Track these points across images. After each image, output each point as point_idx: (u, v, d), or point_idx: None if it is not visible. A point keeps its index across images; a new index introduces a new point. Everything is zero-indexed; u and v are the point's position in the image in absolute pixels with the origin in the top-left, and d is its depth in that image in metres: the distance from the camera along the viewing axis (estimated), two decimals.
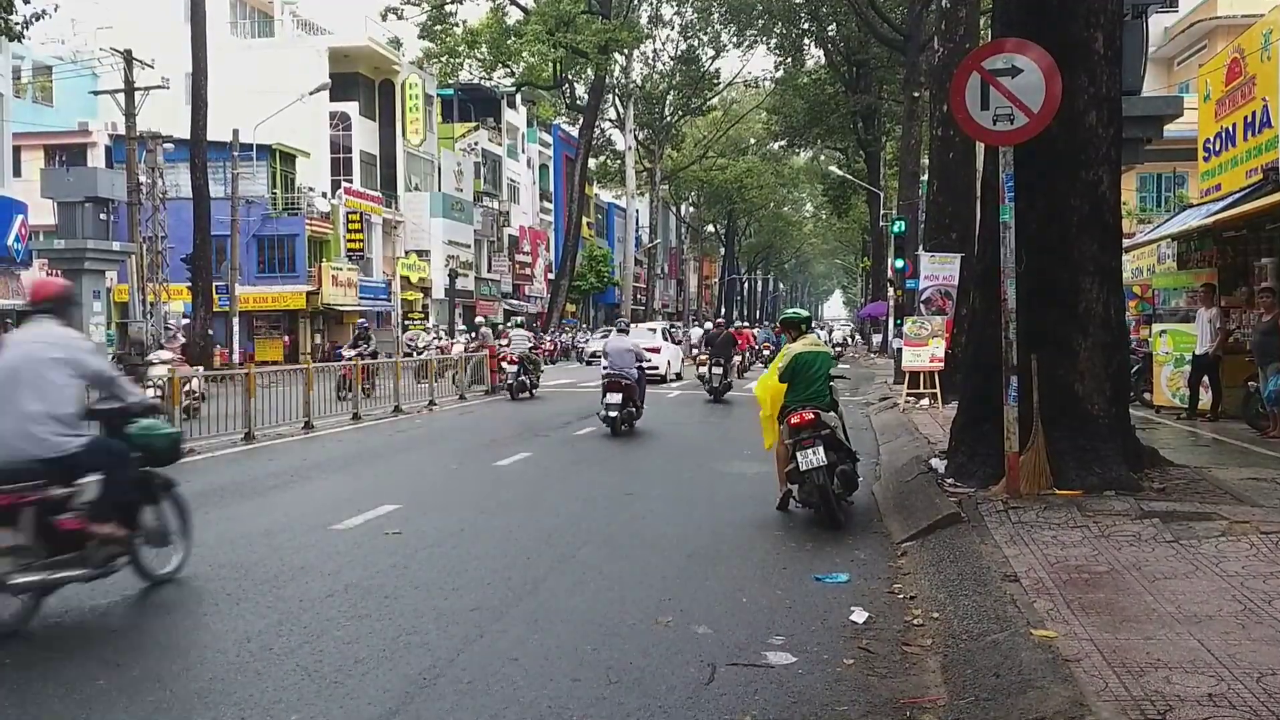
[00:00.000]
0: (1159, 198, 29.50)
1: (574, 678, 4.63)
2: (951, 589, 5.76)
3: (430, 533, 7.92)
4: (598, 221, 69.80)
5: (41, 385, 5.54)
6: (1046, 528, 6.55)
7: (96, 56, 31.49)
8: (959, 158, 17.51)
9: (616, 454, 13.07)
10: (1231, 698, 3.76)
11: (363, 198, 41.23)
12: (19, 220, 29.46)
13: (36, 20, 19.32)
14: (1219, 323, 12.61)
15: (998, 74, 7.38)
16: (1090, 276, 7.85)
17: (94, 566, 5.66)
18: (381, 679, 4.62)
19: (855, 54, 43.26)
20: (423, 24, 39.89)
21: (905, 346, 18.02)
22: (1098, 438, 7.76)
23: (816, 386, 8.16)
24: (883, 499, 9.01)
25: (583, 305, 63.69)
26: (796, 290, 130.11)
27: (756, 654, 4.95)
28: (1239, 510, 6.95)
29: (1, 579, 5.20)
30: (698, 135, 65.85)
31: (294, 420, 15.39)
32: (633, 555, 7.14)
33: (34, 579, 5.31)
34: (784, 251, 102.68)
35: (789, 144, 57.27)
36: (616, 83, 52.87)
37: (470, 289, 48.81)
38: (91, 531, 5.59)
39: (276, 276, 37.45)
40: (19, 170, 33.80)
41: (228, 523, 8.22)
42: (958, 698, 4.25)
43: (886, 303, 38.98)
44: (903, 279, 25.78)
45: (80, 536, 5.56)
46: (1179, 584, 5.29)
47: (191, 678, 4.68)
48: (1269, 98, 14.06)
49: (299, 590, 6.14)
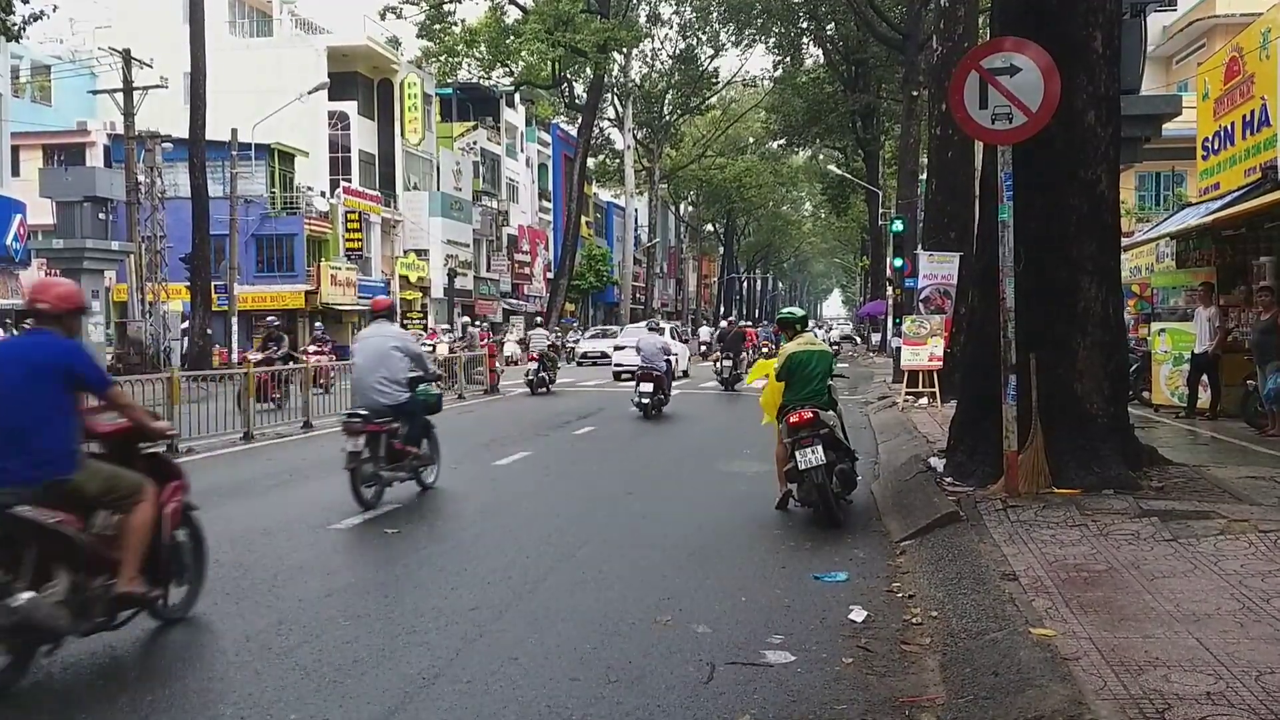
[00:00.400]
0: (1158, 196, 29.52)
1: (573, 677, 4.63)
2: (950, 588, 5.76)
3: (430, 532, 7.92)
4: (597, 221, 69.78)
5: (388, 362, 8.97)
6: (1045, 526, 6.55)
7: (95, 56, 31.50)
8: (958, 157, 17.50)
9: (616, 453, 13.07)
10: (1230, 696, 3.77)
11: (361, 197, 41.22)
12: (17, 220, 29.44)
13: (35, 20, 19.31)
14: (1218, 321, 12.61)
15: (996, 73, 7.38)
16: (1089, 275, 7.85)
17: (408, 472, 9.21)
18: (381, 679, 4.62)
19: (854, 53, 43.27)
20: (421, 23, 39.87)
21: (904, 345, 18.02)
22: (1096, 437, 7.76)
23: (815, 385, 8.16)
24: (881, 498, 9.01)
25: (582, 304, 63.67)
26: (795, 289, 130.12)
27: (756, 653, 4.95)
28: (1237, 509, 6.96)
29: (375, 473, 8.68)
30: (696, 134, 65.82)
31: (293, 420, 15.43)
32: (632, 555, 7.15)
33: (385, 474, 8.81)
34: (783, 250, 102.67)
35: (788, 143, 57.28)
36: (615, 82, 52.86)
37: (469, 288, 48.80)
38: (407, 450, 9.11)
39: (275, 276, 37.44)
40: (17, 170, 33.77)
41: (227, 523, 8.21)
42: (956, 696, 4.26)
43: (885, 302, 39.01)
44: (901, 278, 25.78)
45: (401, 454, 9.04)
46: (1177, 582, 5.29)
47: (191, 677, 4.68)
48: (1267, 96, 14.07)
49: (298, 590, 6.15)
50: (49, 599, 4.49)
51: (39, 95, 39.18)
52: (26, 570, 4.50)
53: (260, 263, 37.61)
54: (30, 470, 4.61)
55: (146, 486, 5.06)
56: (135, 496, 4.99)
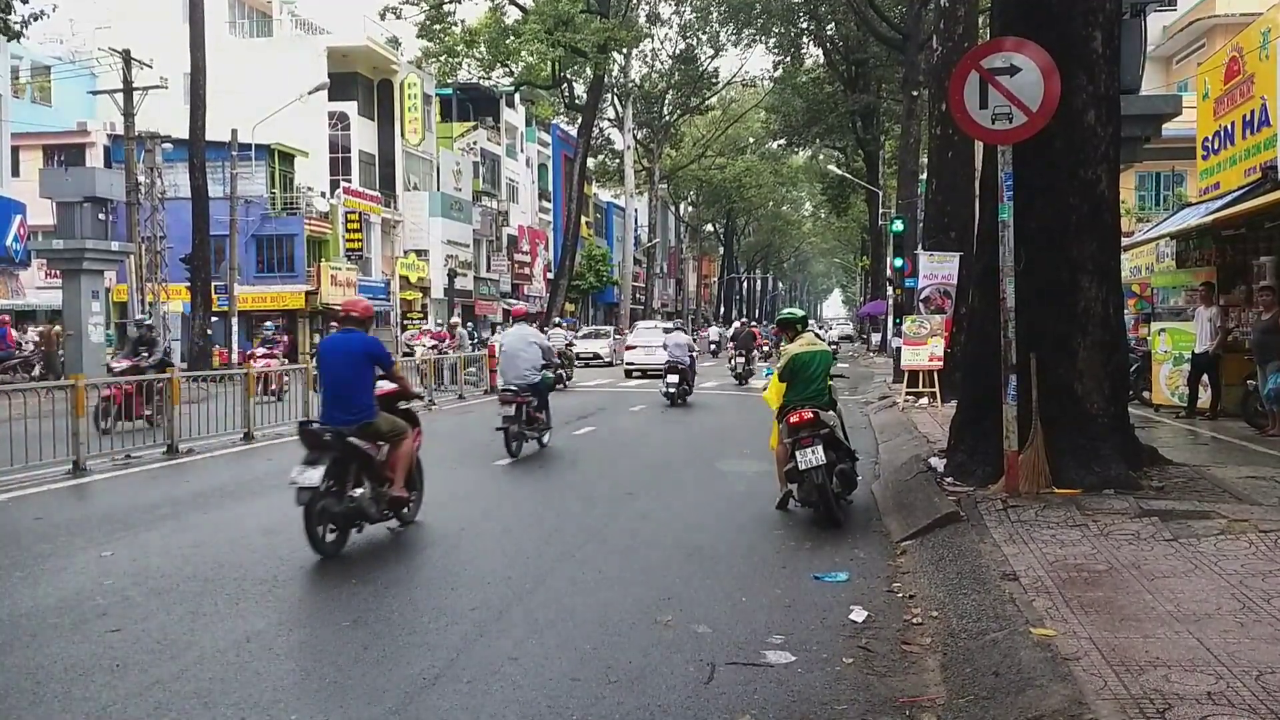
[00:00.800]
0: (1158, 196, 29.53)
1: (574, 677, 4.63)
2: (951, 588, 5.76)
3: (430, 532, 7.92)
4: (596, 221, 69.77)
5: (528, 353, 12.43)
6: (1045, 526, 6.55)
7: (95, 56, 31.51)
8: (958, 157, 17.50)
9: (616, 453, 13.08)
10: (1230, 695, 3.77)
11: (361, 197, 41.21)
12: (17, 220, 29.46)
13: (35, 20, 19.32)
14: (1218, 321, 12.61)
15: (996, 73, 7.39)
16: (1089, 275, 7.85)
17: (538, 431, 12.58)
18: (381, 679, 4.62)
19: (854, 53, 43.26)
20: (421, 23, 39.79)
21: (904, 345, 18.03)
22: (1097, 436, 7.76)
23: (815, 385, 8.17)
24: (882, 498, 9.01)
25: (582, 304, 63.67)
26: (795, 289, 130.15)
27: (756, 653, 4.95)
28: (1238, 509, 6.96)
29: (521, 431, 12.06)
30: (696, 134, 65.80)
31: (293, 420, 15.40)
32: (633, 555, 7.15)
33: (527, 434, 12.24)
34: (783, 250, 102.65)
35: (788, 143, 57.28)
36: (615, 82, 52.80)
37: (469, 288, 48.79)
38: (537, 417, 12.50)
39: (275, 276, 37.42)
40: (17, 170, 33.79)
41: (228, 523, 8.23)
42: (957, 696, 4.26)
43: (885, 302, 39.02)
44: (902, 278, 25.78)
45: (533, 419, 12.39)
46: (1178, 582, 5.29)
47: (191, 678, 4.68)
48: (1267, 96, 14.07)
49: (299, 590, 6.15)
50: (364, 496, 7.16)
51: (39, 95, 39.19)
52: (350, 478, 7.11)
53: (260, 263, 37.60)
54: (351, 417, 7.24)
55: (409, 428, 7.76)
56: (404, 434, 7.65)
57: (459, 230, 48.36)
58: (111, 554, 7.10)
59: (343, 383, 7.32)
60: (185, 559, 6.97)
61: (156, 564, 6.83)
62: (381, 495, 7.38)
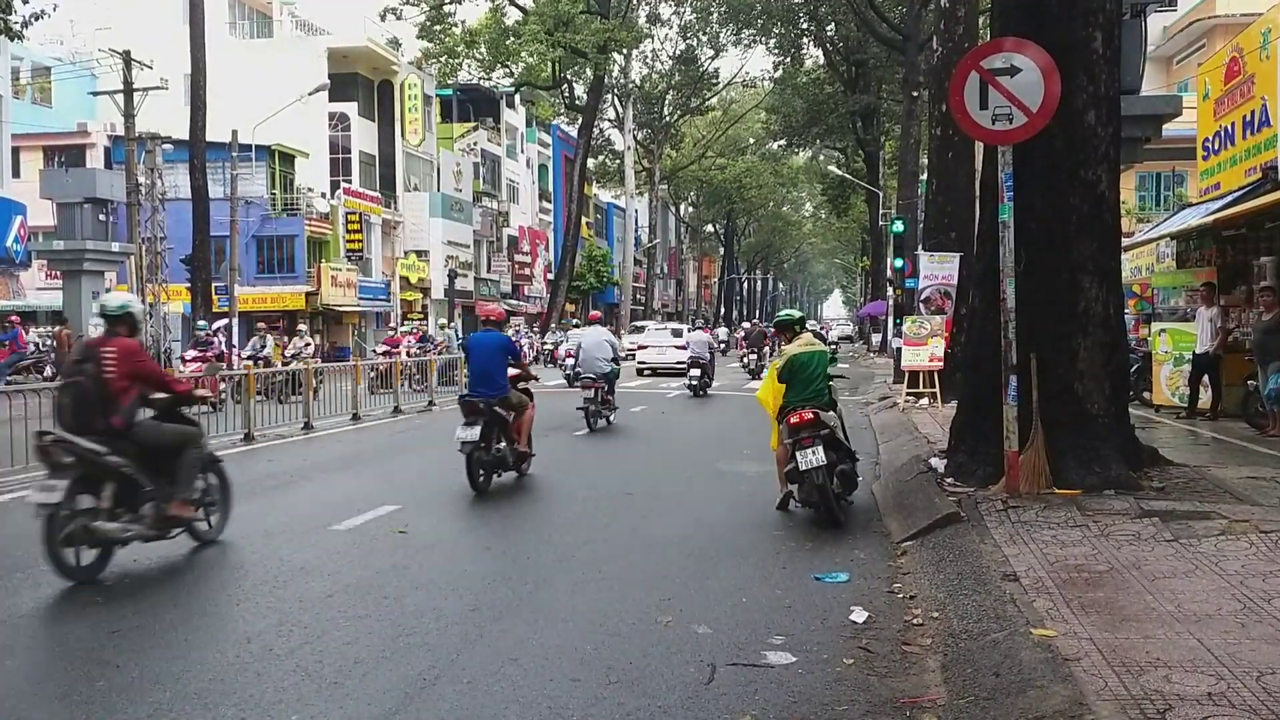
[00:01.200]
0: (1158, 196, 29.52)
1: (574, 678, 4.63)
2: (951, 588, 5.76)
3: (430, 533, 7.92)
4: (597, 221, 69.78)
5: (602, 347, 15.38)
6: (1046, 527, 6.55)
7: (95, 57, 31.50)
8: (958, 157, 17.50)
9: (616, 454, 13.07)
10: (1231, 696, 3.76)
11: (362, 198, 41.21)
12: (18, 221, 29.47)
13: (36, 20, 19.28)
14: (1219, 322, 12.60)
15: (996, 73, 7.38)
16: (1089, 275, 7.85)
17: (610, 410, 15.43)
18: (381, 679, 4.62)
19: (854, 53, 43.24)
20: (421, 24, 39.85)
21: (905, 346, 18.03)
22: (1097, 437, 7.76)
23: (815, 386, 8.17)
24: (882, 498, 9.01)
25: (582, 305, 63.69)
26: (796, 290, 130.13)
27: (756, 654, 4.95)
28: (1238, 509, 6.95)
29: (599, 411, 15.11)
30: (697, 135, 65.83)
31: (293, 420, 15.44)
32: (632, 555, 7.15)
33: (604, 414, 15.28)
34: (783, 251, 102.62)
35: (788, 144, 57.22)
36: (615, 82, 52.85)
37: (470, 289, 48.77)
38: (609, 399, 15.34)
39: (276, 277, 37.41)
40: (18, 171, 33.81)
41: (228, 524, 8.21)
42: (957, 697, 4.26)
43: (886, 302, 39.01)
44: (902, 278, 25.79)
45: (605, 402, 15.24)
46: (1178, 583, 5.29)
47: (191, 678, 4.68)
48: (1268, 96, 14.07)
49: (299, 590, 6.14)
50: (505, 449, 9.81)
51: (39, 96, 39.18)
52: (495, 439, 9.63)
53: (261, 264, 37.59)
54: (493, 392, 9.77)
55: (529, 401, 10.50)
56: (526, 406, 10.34)
57: (459, 231, 48.36)
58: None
59: (487, 366, 9.88)
60: (185, 559, 6.98)
61: (156, 564, 6.83)
62: (514, 451, 9.95)
